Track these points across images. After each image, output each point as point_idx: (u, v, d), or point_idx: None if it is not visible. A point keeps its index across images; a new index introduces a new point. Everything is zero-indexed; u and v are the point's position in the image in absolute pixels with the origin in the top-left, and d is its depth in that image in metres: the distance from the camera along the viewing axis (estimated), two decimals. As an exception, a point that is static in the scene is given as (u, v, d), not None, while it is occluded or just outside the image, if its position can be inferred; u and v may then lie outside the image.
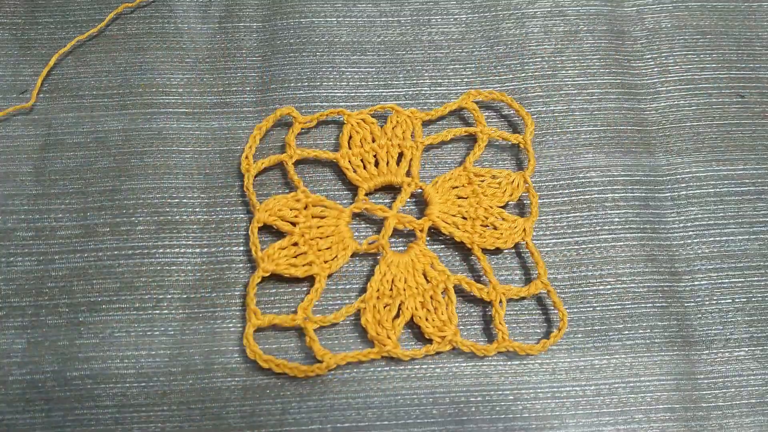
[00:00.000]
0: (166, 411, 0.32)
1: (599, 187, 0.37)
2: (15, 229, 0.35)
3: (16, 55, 0.40)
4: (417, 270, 0.34)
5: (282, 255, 0.34)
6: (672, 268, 0.36)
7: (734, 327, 0.35)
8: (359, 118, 0.37)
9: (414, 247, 0.34)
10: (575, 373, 0.33)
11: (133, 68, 0.39)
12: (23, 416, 0.32)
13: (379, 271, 0.33)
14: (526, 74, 0.40)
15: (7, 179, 0.36)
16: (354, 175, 0.36)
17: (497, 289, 0.33)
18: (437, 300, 0.33)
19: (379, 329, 0.32)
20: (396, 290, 0.33)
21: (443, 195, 0.35)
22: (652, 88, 0.40)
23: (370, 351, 0.32)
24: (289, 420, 0.32)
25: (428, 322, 0.33)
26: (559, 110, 0.39)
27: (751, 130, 0.39)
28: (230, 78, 0.39)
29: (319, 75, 0.40)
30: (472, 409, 0.32)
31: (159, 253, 0.35)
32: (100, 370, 0.32)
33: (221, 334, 0.33)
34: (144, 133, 0.38)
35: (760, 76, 0.41)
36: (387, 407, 0.32)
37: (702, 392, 0.33)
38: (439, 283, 0.33)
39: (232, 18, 0.41)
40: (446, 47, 0.41)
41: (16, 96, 0.38)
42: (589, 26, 0.42)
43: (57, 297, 0.34)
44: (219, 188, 0.37)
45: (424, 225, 0.35)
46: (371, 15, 0.42)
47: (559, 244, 0.36)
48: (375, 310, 0.33)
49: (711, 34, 0.42)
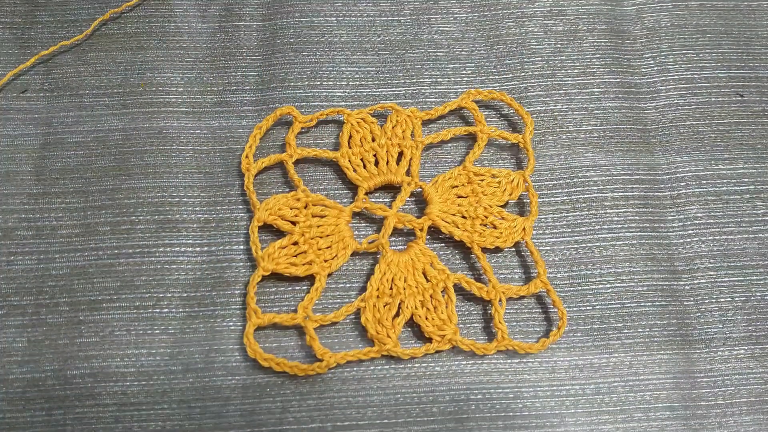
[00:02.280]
0: (167, 409, 0.32)
1: (599, 186, 0.37)
2: (15, 228, 0.35)
3: (16, 54, 0.40)
4: (417, 269, 0.34)
5: (282, 254, 0.34)
6: (671, 266, 0.36)
7: (733, 325, 0.35)
8: (359, 118, 0.37)
9: (414, 246, 0.34)
10: (575, 372, 0.33)
11: (133, 67, 0.39)
12: (23, 415, 0.32)
13: (379, 270, 0.33)
14: (526, 74, 0.40)
15: (7, 178, 0.37)
16: (354, 175, 0.36)
17: (497, 287, 0.33)
18: (437, 299, 0.33)
19: (379, 328, 0.32)
20: (396, 289, 0.33)
21: (443, 194, 0.36)
22: (651, 87, 0.40)
23: (370, 350, 0.32)
24: (289, 418, 0.32)
25: (428, 321, 0.33)
26: (559, 109, 0.39)
27: (751, 129, 0.39)
28: (230, 77, 0.39)
29: (319, 74, 0.40)
30: (472, 407, 0.32)
31: (159, 251, 0.35)
32: (101, 368, 0.32)
33: (221, 333, 0.33)
34: (144, 132, 0.38)
35: (760, 76, 0.41)
36: (387, 405, 0.32)
37: (701, 391, 0.33)
38: (438, 282, 0.33)
39: (232, 17, 0.41)
40: (446, 46, 0.41)
41: (16, 95, 0.38)
42: (588, 25, 0.42)
43: (57, 296, 0.34)
44: (219, 187, 0.37)
45: (424, 224, 0.35)
46: (371, 15, 0.42)
47: (558, 243, 0.36)
48: (375, 309, 0.33)
49: (711, 33, 0.42)
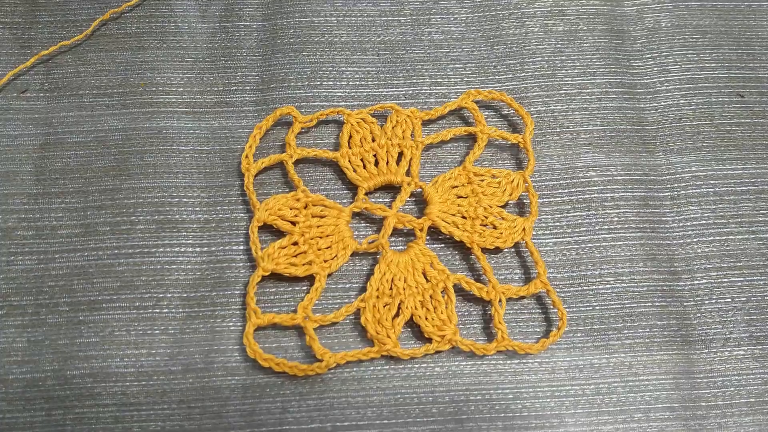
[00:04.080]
0: (166, 410, 0.32)
1: (599, 187, 0.37)
2: (15, 228, 0.35)
3: (17, 55, 0.40)
4: (416, 269, 0.34)
5: (282, 254, 0.34)
6: (671, 267, 0.36)
7: (733, 326, 0.35)
8: (359, 118, 0.37)
9: (413, 246, 0.34)
10: (574, 372, 0.33)
11: (133, 67, 0.39)
12: (23, 415, 0.32)
13: (378, 271, 0.33)
14: (526, 74, 0.40)
15: (7, 178, 0.37)
16: (354, 175, 0.36)
17: (497, 288, 0.33)
18: (437, 299, 0.33)
19: (378, 328, 0.32)
20: (396, 289, 0.33)
21: (443, 194, 0.35)
22: (651, 87, 0.40)
23: (369, 350, 0.32)
24: (288, 419, 0.32)
25: (428, 321, 0.33)
26: (559, 110, 0.39)
27: (751, 129, 0.39)
28: (230, 77, 0.39)
29: (319, 75, 0.40)
30: (472, 407, 0.32)
31: (159, 252, 0.35)
32: (100, 368, 0.32)
33: (221, 333, 0.33)
34: (144, 132, 0.38)
35: (760, 76, 0.41)
36: (387, 406, 0.32)
37: (701, 391, 0.33)
38: (438, 282, 0.33)
39: (232, 17, 0.41)
40: (446, 47, 0.41)
41: (16, 95, 0.38)
42: (588, 26, 0.42)
43: (57, 296, 0.34)
44: (219, 187, 0.37)
45: (424, 224, 0.35)
46: (371, 15, 0.42)
47: (558, 243, 0.36)
48: (375, 309, 0.33)
49: (711, 33, 0.42)
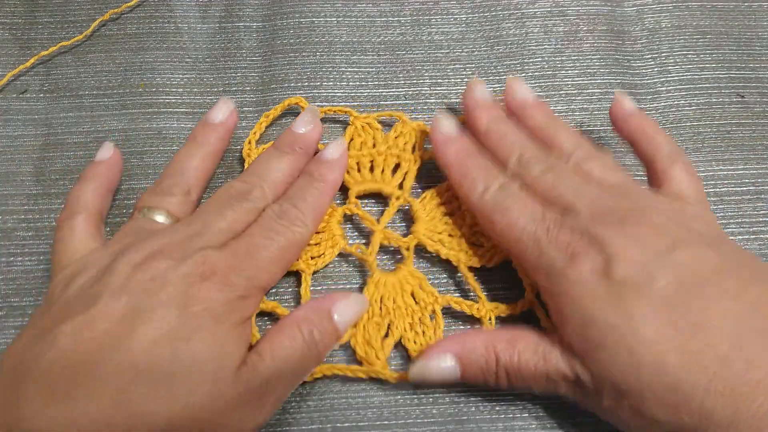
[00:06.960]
0: (166, 411, 0.32)
1: (599, 187, 0.37)
2: (15, 229, 0.35)
3: (16, 55, 0.40)
4: (405, 291, 0.33)
5: None
6: (672, 267, 0.36)
7: (734, 327, 0.34)
8: (365, 122, 0.37)
9: (402, 267, 0.34)
10: (575, 373, 0.33)
11: (133, 68, 0.39)
12: (23, 416, 0.32)
13: (367, 292, 0.33)
14: (526, 74, 0.40)
15: (6, 179, 0.36)
16: (346, 176, 0.35)
17: (486, 306, 0.33)
18: (425, 323, 0.32)
19: (368, 349, 0.31)
20: (385, 309, 0.32)
21: (430, 212, 0.35)
22: (652, 88, 0.40)
23: (357, 368, 0.31)
24: (288, 419, 0.32)
25: (416, 345, 0.32)
26: (559, 110, 0.39)
27: (751, 130, 0.39)
28: (230, 78, 0.39)
29: (319, 75, 0.40)
30: (472, 408, 0.32)
31: (159, 252, 0.35)
32: (100, 369, 0.32)
33: (221, 334, 0.33)
34: (144, 132, 0.38)
35: (760, 76, 0.41)
36: (387, 407, 0.32)
37: (702, 392, 0.33)
38: (427, 305, 0.33)
39: (232, 18, 0.41)
40: (446, 47, 0.41)
41: (16, 96, 0.38)
42: (589, 26, 0.42)
43: (57, 296, 0.34)
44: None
45: (410, 243, 0.34)
46: (371, 15, 0.42)
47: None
48: (364, 330, 0.32)
49: (711, 34, 0.42)
